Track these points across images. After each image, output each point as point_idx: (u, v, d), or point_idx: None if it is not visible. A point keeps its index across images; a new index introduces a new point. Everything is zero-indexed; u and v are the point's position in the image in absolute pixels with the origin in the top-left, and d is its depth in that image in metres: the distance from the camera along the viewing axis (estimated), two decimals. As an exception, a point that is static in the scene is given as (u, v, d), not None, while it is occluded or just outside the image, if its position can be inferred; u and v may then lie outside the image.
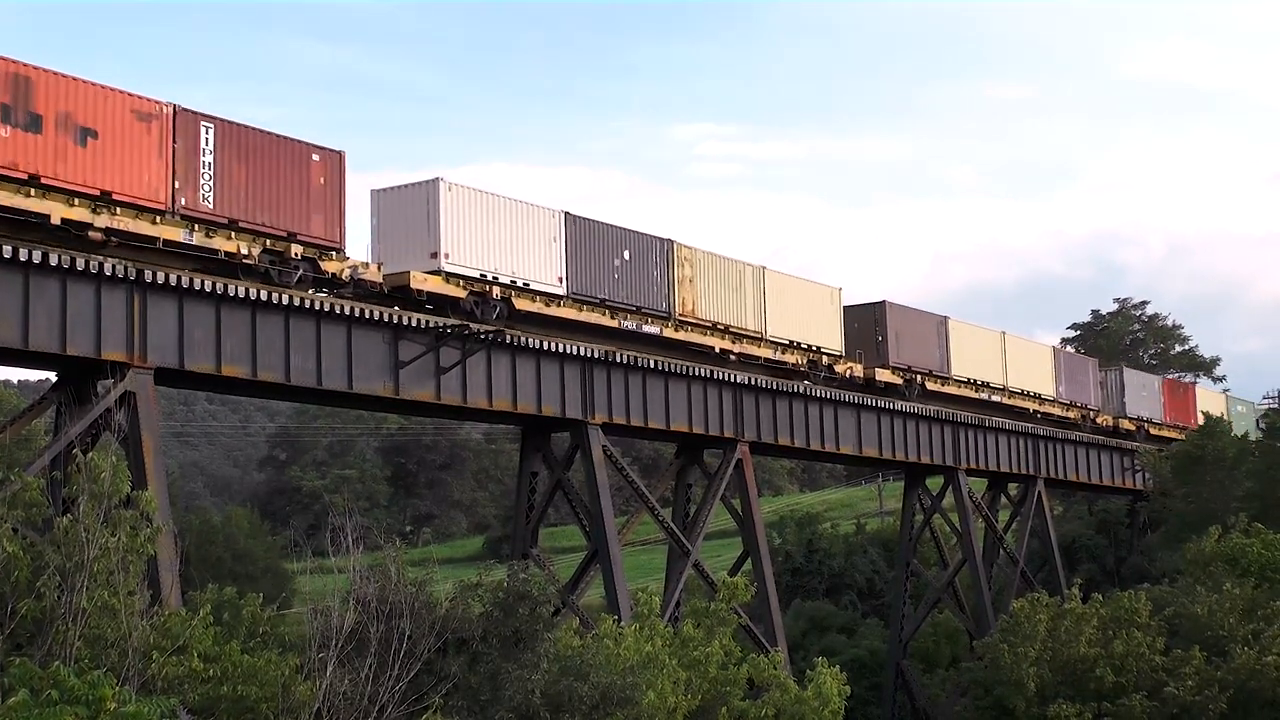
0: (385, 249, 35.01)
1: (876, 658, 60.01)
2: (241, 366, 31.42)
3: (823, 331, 47.35)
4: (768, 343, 44.71)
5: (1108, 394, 64.98)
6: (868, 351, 49.78)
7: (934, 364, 52.40)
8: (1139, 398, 66.72)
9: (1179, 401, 70.85)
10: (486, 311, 35.68)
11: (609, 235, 39.73)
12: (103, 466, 21.80)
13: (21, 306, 27.69)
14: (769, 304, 44.84)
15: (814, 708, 31.02)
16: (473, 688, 25.71)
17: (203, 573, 55.26)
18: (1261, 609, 42.43)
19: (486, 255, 35.95)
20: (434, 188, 34.92)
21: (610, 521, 39.34)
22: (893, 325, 50.75)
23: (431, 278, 34.57)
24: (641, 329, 39.83)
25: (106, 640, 20.63)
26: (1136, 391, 66.87)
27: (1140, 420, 65.99)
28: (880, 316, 50.74)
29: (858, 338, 49.65)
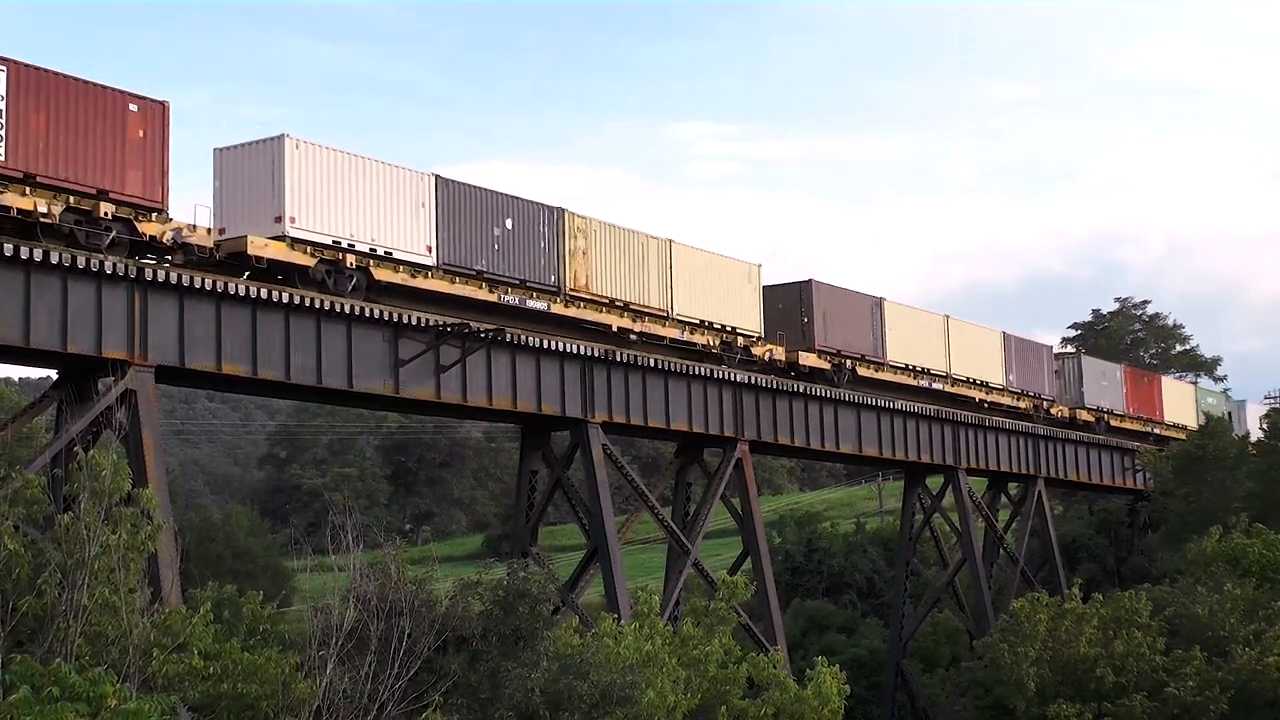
0: (228, 213, 31.87)
1: (876, 657, 60.00)
2: (242, 365, 31.43)
3: (738, 311, 44.10)
4: (674, 322, 41.61)
5: (1065, 383, 61.80)
6: (792, 334, 46.47)
7: (866, 348, 49.13)
8: (1099, 388, 63.37)
9: (1143, 392, 67.48)
10: (340, 282, 32.74)
11: (488, 201, 36.51)
12: (103, 464, 21.80)
13: (23, 304, 27.70)
14: (676, 280, 41.76)
15: (814, 707, 31.01)
16: (472, 686, 25.73)
17: (203, 570, 55.30)
18: (1262, 609, 42.42)
19: (341, 220, 32.80)
20: (279, 145, 31.74)
21: (610, 520, 39.34)
22: (820, 306, 47.32)
23: (274, 243, 31.34)
24: (525, 304, 36.77)
25: (107, 638, 20.64)
26: (1096, 381, 63.48)
27: (1100, 411, 63.00)
28: (806, 296, 47.18)
29: (781, 319, 46.32)
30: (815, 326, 47.07)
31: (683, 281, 42.15)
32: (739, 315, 44.22)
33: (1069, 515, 76.94)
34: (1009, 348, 57.65)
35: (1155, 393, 68.20)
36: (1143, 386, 67.60)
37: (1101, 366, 65.55)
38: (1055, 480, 60.96)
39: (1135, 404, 65.86)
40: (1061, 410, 60.26)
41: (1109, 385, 64.19)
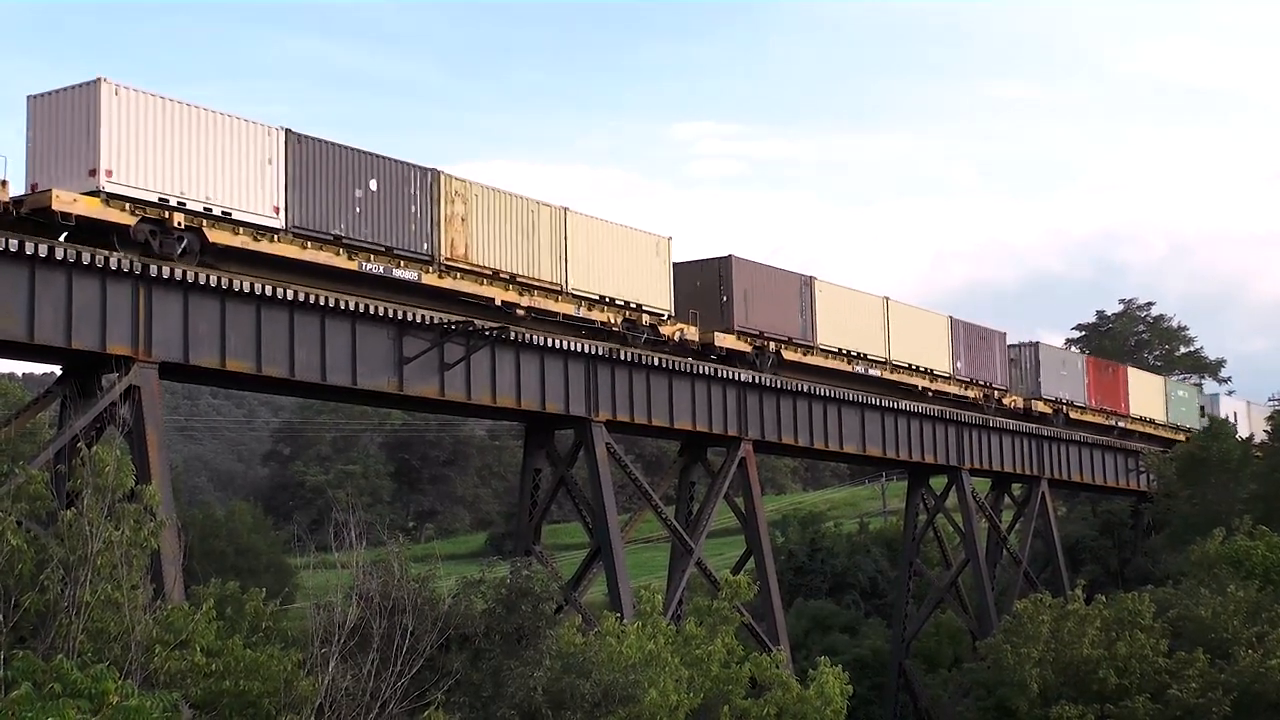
0: (41, 167, 28.75)
1: (879, 657, 59.95)
2: (246, 361, 31.42)
3: (645, 287, 40.29)
4: (568, 297, 38.02)
5: (1021, 372, 58.13)
6: (709, 313, 42.59)
7: (794, 330, 45.06)
8: (1057, 377, 59.43)
9: (1107, 383, 63.40)
10: (168, 244, 29.55)
11: (349, 160, 33.26)
12: (107, 460, 21.80)
13: (27, 300, 27.71)
14: (571, 251, 38.05)
15: (816, 707, 30.99)
16: (475, 684, 25.70)
17: (206, 567, 55.29)
18: (1266, 612, 42.38)
19: (170, 175, 29.54)
20: (94, 90, 28.42)
21: (613, 519, 39.31)
22: (741, 283, 43.31)
23: (86, 199, 28.20)
24: (391, 273, 33.94)
25: (109, 634, 20.64)
26: (1054, 370, 59.45)
27: (1059, 402, 59.22)
28: (725, 273, 43.08)
29: (698, 297, 42.64)
30: (735, 306, 43.09)
31: (579, 253, 38.39)
32: (645, 291, 40.40)
33: (1072, 516, 76.88)
34: (956, 334, 53.85)
35: (1120, 384, 64.34)
36: (1106, 377, 63.66)
37: (1061, 355, 61.72)
38: (1059, 481, 60.89)
39: (1098, 395, 62.09)
40: (1015, 401, 56.81)
41: (1069, 375, 60.50)
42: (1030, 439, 58.00)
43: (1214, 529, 48.30)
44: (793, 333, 45.28)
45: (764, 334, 44.09)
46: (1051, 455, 59.42)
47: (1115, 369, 65.44)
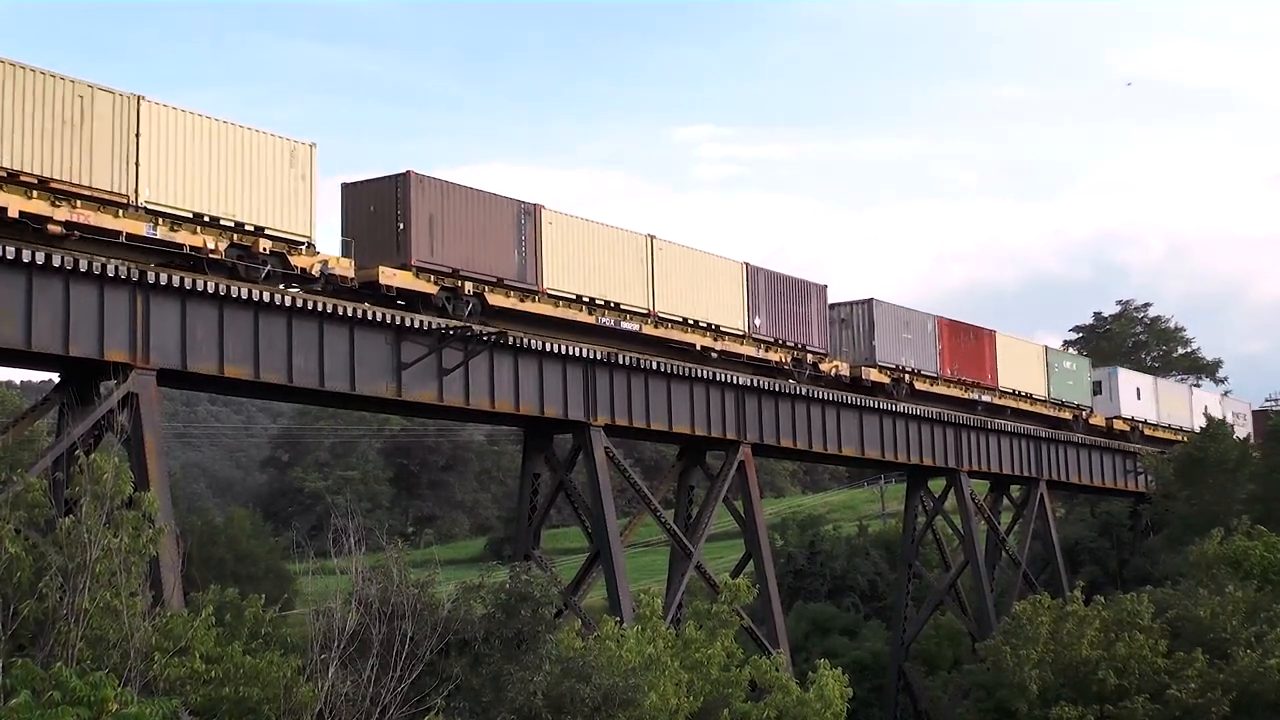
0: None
1: (879, 660, 59.97)
2: (244, 367, 31.42)
3: (271, 206, 31.63)
4: (138, 212, 29.28)
5: (853, 334, 49.50)
6: (380, 244, 34.24)
7: (506, 269, 36.37)
8: (897, 341, 50.36)
9: (967, 350, 54.34)
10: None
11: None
12: (105, 467, 21.79)
13: (25, 307, 27.70)
14: (146, 155, 29.38)
15: (816, 710, 31.01)
16: (475, 689, 25.71)
17: (205, 574, 55.24)
18: (1264, 612, 42.40)
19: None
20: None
21: (612, 523, 39.32)
22: (424, 208, 34.52)
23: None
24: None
25: (108, 641, 20.63)
26: (894, 333, 50.35)
27: (899, 370, 50.30)
28: (403, 194, 34.36)
29: (370, 226, 34.46)
30: (415, 235, 34.39)
31: (157, 157, 29.63)
32: (273, 212, 31.73)
33: (1071, 518, 76.90)
34: (755, 284, 44.19)
35: (986, 351, 55.48)
36: (966, 343, 54.49)
37: (905, 315, 51.67)
38: (1057, 483, 60.91)
39: (955, 364, 53.28)
40: (837, 367, 47.42)
41: (915, 340, 51.36)
42: (1029, 441, 58.04)
43: (1212, 529, 48.30)
44: (505, 272, 36.16)
45: (459, 272, 35.16)
46: (1050, 457, 59.45)
47: (979, 334, 55.63)
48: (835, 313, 48.77)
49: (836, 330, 48.83)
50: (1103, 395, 63.77)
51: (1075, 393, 61.17)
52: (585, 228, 39.00)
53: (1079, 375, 62.00)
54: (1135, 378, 68.36)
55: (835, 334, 48.75)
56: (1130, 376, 67.55)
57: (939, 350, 52.58)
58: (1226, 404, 75.70)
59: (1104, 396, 63.81)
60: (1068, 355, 63.60)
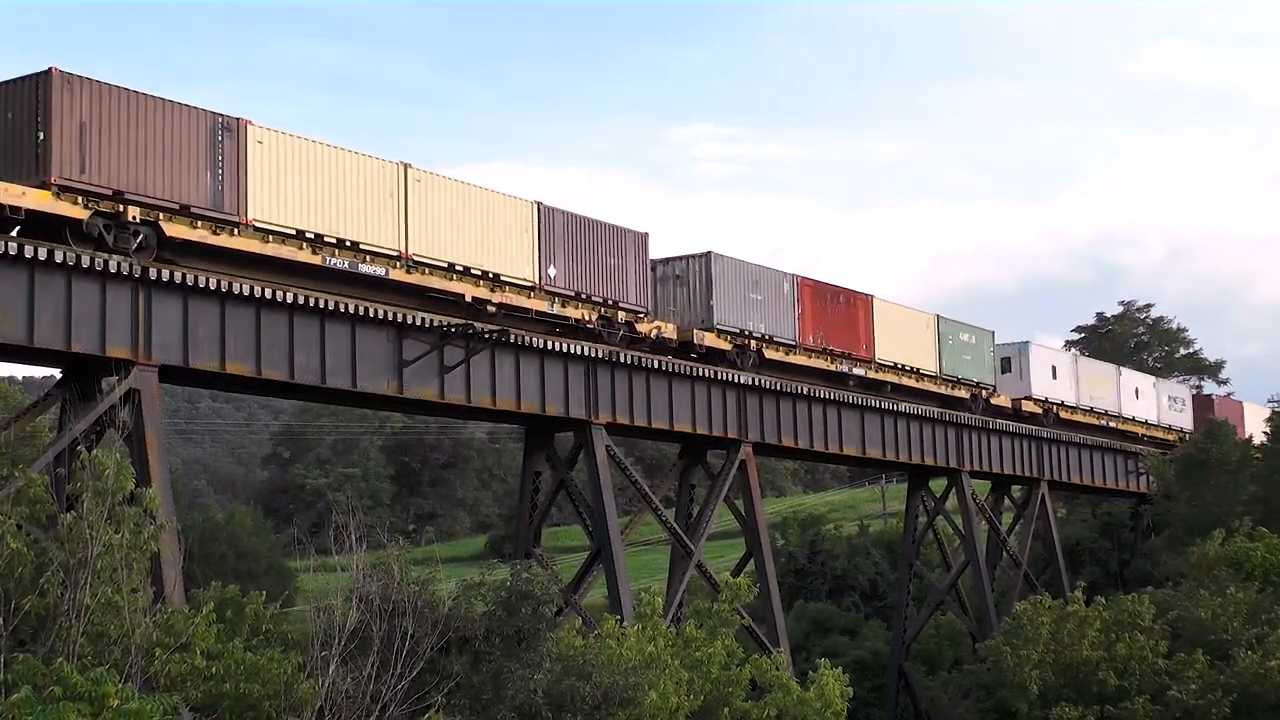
0: None
1: (879, 659, 59.98)
2: (245, 364, 31.42)
3: None
4: None
5: (686, 293, 42.42)
6: (17, 161, 27.61)
7: (192, 195, 29.65)
8: (744, 302, 43.16)
9: (835, 317, 46.88)
10: None
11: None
12: (106, 464, 21.80)
13: (27, 303, 27.69)
14: None
15: (816, 709, 31.01)
16: (475, 687, 25.72)
17: (206, 570, 55.29)
18: (1265, 613, 42.41)
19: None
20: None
21: (613, 521, 39.32)
22: (73, 116, 27.59)
23: None
24: None
25: (109, 637, 20.63)
26: (737, 292, 42.96)
27: (745, 336, 43.20)
28: (45, 97, 27.34)
29: (3, 137, 27.85)
30: (57, 147, 27.50)
31: None
32: None
33: (1072, 518, 76.87)
34: (551, 228, 37.42)
35: (860, 319, 48.15)
36: (835, 309, 47.13)
37: (755, 273, 44.13)
38: (1058, 483, 60.89)
39: (820, 332, 46.12)
40: (659, 328, 40.59)
41: (767, 301, 44.06)
42: (1030, 441, 58.02)
43: (1214, 530, 48.32)
44: (192, 198, 29.77)
45: (123, 195, 28.64)
46: (1051, 457, 59.44)
47: (853, 298, 48.24)
48: (668, 268, 42.51)
49: (669, 288, 42.35)
50: (1012, 373, 57.29)
51: (975, 369, 54.14)
52: (311, 150, 32.32)
53: (979, 349, 54.65)
54: (1051, 355, 61.28)
55: (666, 292, 42.31)
56: (1045, 353, 60.40)
57: (798, 315, 45.35)
58: (1163, 387, 70.41)
59: (1013, 375, 57.31)
60: (967, 327, 54.23)
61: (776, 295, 44.62)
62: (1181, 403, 70.94)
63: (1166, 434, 67.93)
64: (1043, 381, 58.62)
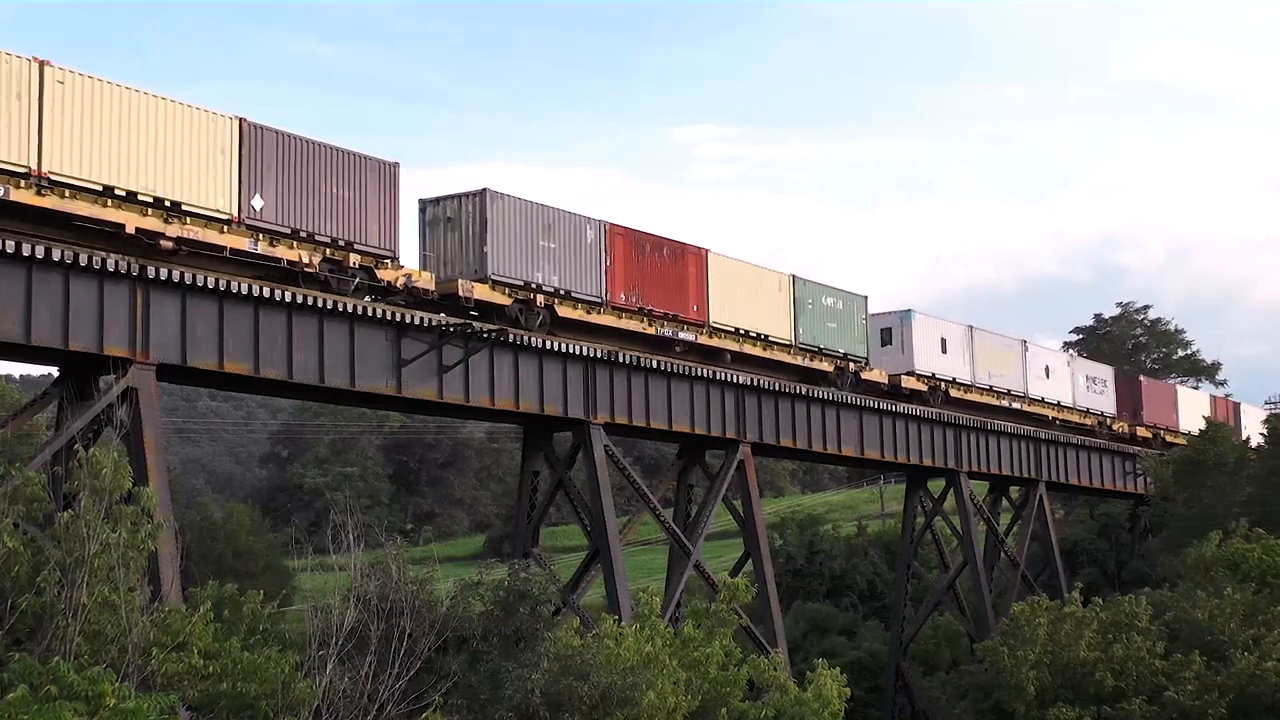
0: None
1: (877, 660, 59.97)
2: (244, 363, 31.41)
3: None
4: None
5: (458, 238, 36.07)
6: None
7: None
8: (532, 251, 36.64)
9: (657, 272, 40.16)
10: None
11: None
12: (104, 462, 21.78)
13: (24, 301, 27.68)
14: None
15: (814, 709, 30.98)
16: (473, 686, 25.69)
17: (203, 569, 55.33)
18: (1262, 614, 42.39)
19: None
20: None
21: (611, 521, 39.32)
22: None
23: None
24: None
25: (106, 636, 20.62)
26: (524, 239, 36.55)
27: (529, 289, 36.66)
28: None
29: None
30: None
31: None
32: None
33: (1070, 519, 76.89)
34: (258, 151, 31.21)
35: (691, 276, 41.37)
36: (656, 263, 40.34)
37: (549, 217, 37.48)
38: (1056, 484, 60.90)
39: (634, 288, 39.50)
40: (410, 276, 34.37)
41: (562, 251, 37.62)
42: (1028, 442, 58.03)
43: (1211, 532, 48.30)
44: None
45: None
46: (1049, 458, 59.46)
47: (680, 252, 41.35)
48: (438, 209, 36.28)
49: (439, 233, 36.06)
50: (893, 345, 50.77)
51: (841, 338, 47.31)
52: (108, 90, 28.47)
53: (848, 317, 47.72)
54: (941, 325, 53.34)
55: (436, 237, 36.14)
56: (932, 323, 52.75)
57: (607, 268, 38.75)
58: (1080, 365, 63.51)
59: (894, 347, 50.75)
60: (832, 290, 47.41)
61: (576, 244, 38.22)
62: (1102, 384, 63.50)
63: (1083, 418, 61.30)
64: (929, 355, 51.76)
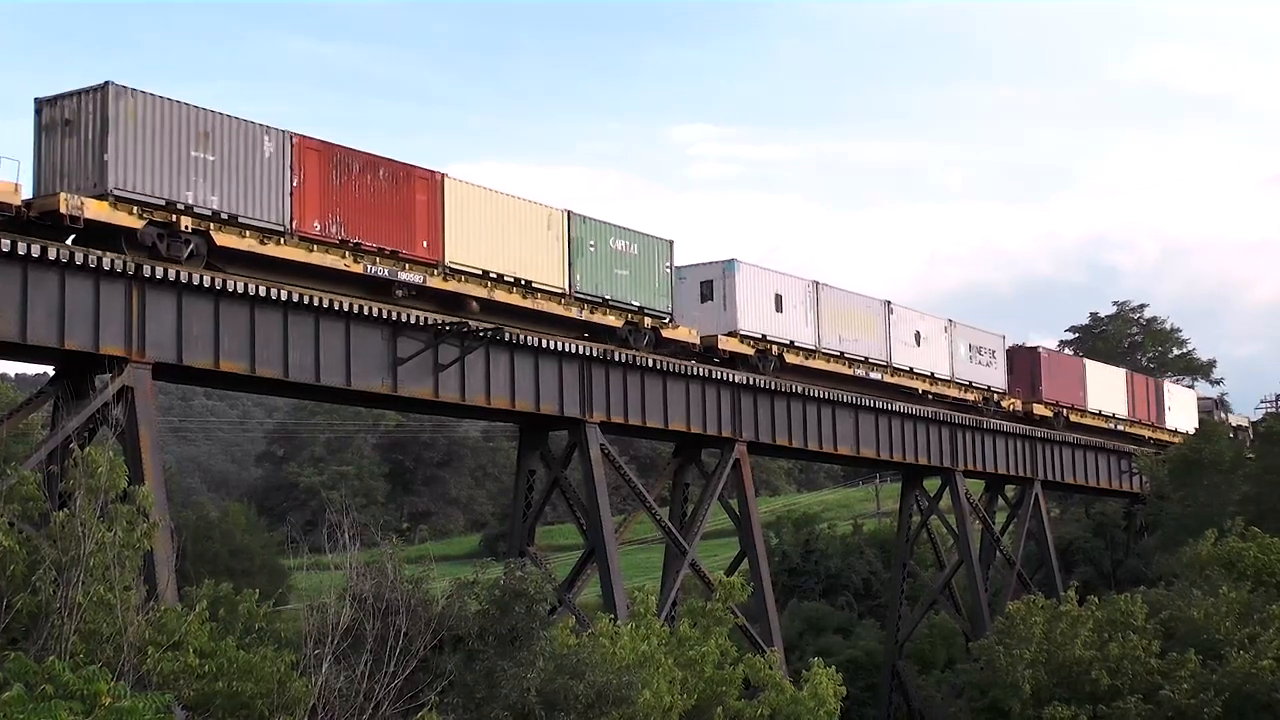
0: None
1: (872, 658, 60.00)
2: (240, 362, 31.39)
3: None
4: None
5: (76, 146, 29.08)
6: None
7: None
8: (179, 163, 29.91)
9: (370, 198, 33.43)
10: None
11: None
12: (100, 461, 21.76)
13: (20, 300, 27.67)
14: None
15: (810, 708, 31.00)
16: (468, 685, 25.67)
17: (199, 568, 55.23)
18: (1257, 613, 42.45)
19: None
20: None
21: (607, 520, 39.32)
22: None
23: None
24: None
25: (102, 635, 20.60)
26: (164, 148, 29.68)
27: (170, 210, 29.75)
28: None
29: None
30: None
31: None
32: None
33: (1065, 518, 76.95)
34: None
35: (421, 206, 34.69)
36: (369, 188, 33.50)
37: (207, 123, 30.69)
38: (1052, 483, 60.97)
39: (335, 216, 32.78)
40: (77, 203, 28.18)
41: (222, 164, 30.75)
42: (1024, 440, 58.08)
43: (1206, 531, 48.35)
44: None
45: None
46: (1045, 457, 59.50)
47: (406, 176, 34.46)
48: (55, 110, 29.50)
49: (56, 140, 29.35)
50: (714, 301, 42.87)
51: (636, 289, 40.03)
52: None
53: (646, 264, 40.29)
54: (775, 279, 45.03)
55: (52, 145, 29.39)
56: (763, 276, 44.45)
57: (293, 189, 31.92)
58: (961, 333, 54.24)
59: (715, 303, 42.90)
60: (624, 232, 39.91)
61: (248, 157, 31.24)
62: (990, 354, 55.86)
63: (964, 392, 53.92)
64: (757, 313, 43.80)
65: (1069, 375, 61.93)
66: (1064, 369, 62.38)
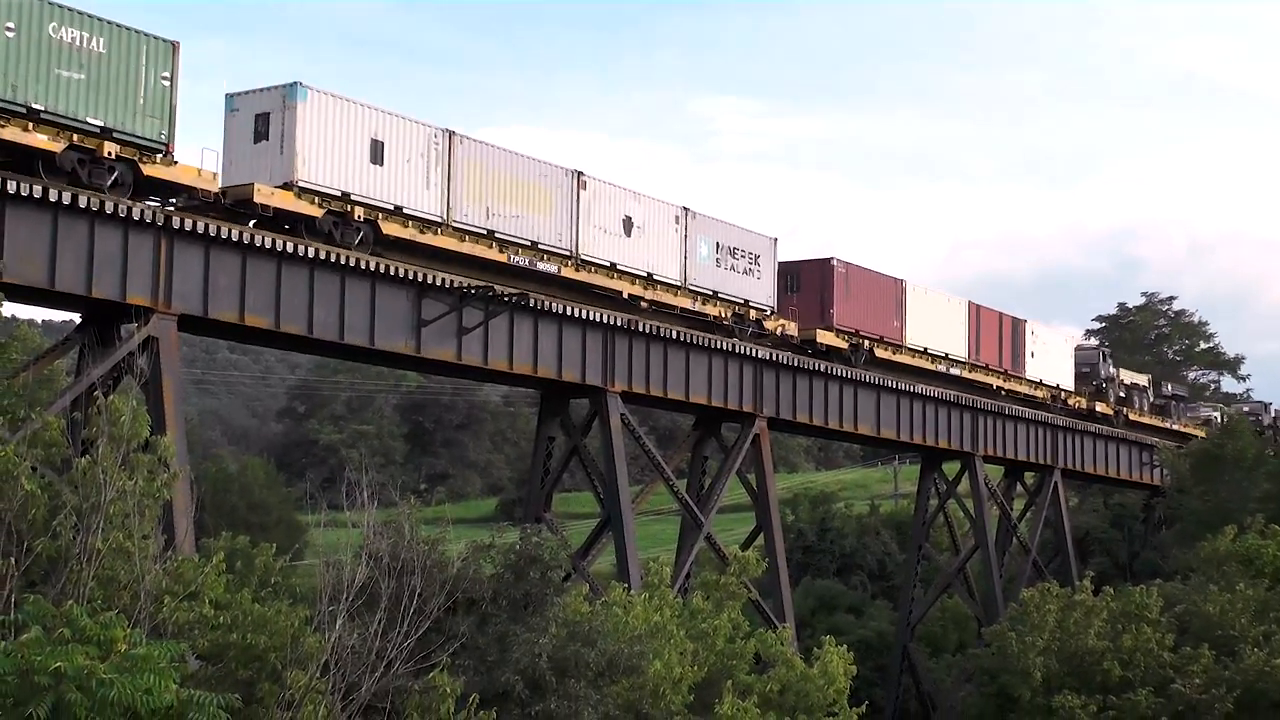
0: None
1: (883, 639, 60.03)
2: (265, 317, 31.47)
3: None
4: None
5: None
6: None
7: None
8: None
9: None
10: None
11: None
12: (122, 410, 21.83)
13: (49, 247, 27.78)
14: None
15: (819, 685, 31.01)
16: (480, 648, 25.74)
17: (217, 520, 55.62)
18: (1274, 611, 42.31)
19: None
20: None
21: (625, 490, 39.36)
22: None
23: None
24: None
25: (119, 582, 20.70)
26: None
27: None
28: None
29: None
30: None
31: None
32: None
33: (1084, 507, 76.76)
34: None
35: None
36: None
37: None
38: (1072, 472, 60.79)
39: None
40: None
41: None
42: (1045, 428, 57.91)
43: (1225, 526, 48.15)
44: None
45: None
46: (1066, 445, 59.32)
47: None
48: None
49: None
50: (269, 142, 31.21)
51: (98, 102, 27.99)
52: None
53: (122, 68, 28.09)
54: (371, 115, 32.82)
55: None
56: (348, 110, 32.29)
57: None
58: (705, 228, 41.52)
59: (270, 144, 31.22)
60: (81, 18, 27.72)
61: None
62: (752, 259, 43.18)
63: (701, 303, 41.51)
64: (336, 161, 31.94)
65: (878, 299, 48.28)
66: (871, 289, 48.18)
